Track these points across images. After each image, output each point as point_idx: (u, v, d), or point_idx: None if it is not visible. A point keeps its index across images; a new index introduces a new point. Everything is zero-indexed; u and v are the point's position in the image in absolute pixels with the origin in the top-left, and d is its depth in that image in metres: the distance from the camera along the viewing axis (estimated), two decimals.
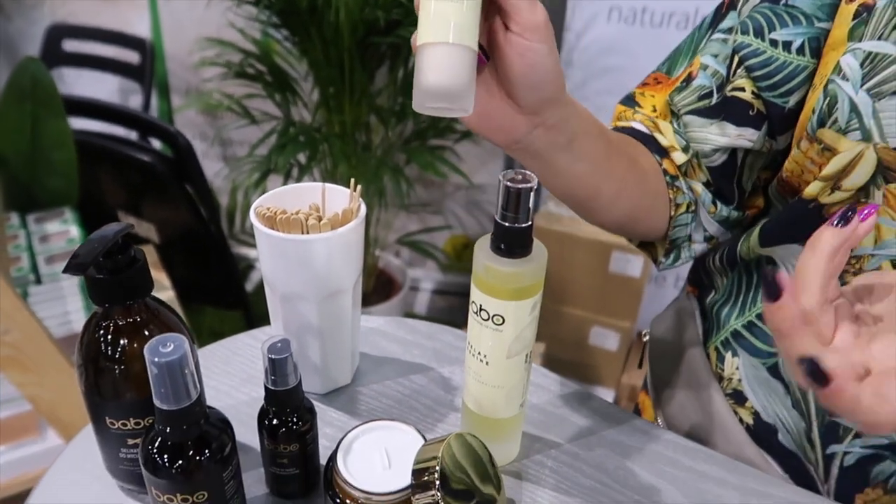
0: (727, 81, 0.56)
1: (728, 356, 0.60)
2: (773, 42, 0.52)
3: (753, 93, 0.54)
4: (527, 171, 0.42)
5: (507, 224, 0.42)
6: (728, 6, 0.58)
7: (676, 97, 0.58)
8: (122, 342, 0.44)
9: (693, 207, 0.59)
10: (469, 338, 0.48)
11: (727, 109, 0.56)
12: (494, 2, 0.40)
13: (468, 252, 2.15)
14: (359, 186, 0.53)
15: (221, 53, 1.69)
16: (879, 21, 0.47)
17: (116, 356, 0.44)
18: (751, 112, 0.55)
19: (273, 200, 0.53)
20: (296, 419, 0.46)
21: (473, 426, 0.51)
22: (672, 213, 0.58)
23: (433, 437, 0.45)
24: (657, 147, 0.58)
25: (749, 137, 0.56)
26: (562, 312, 1.74)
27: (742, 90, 0.54)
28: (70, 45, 1.96)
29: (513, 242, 0.43)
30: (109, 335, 0.44)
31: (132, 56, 1.94)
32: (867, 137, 0.47)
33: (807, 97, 0.52)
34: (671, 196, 0.57)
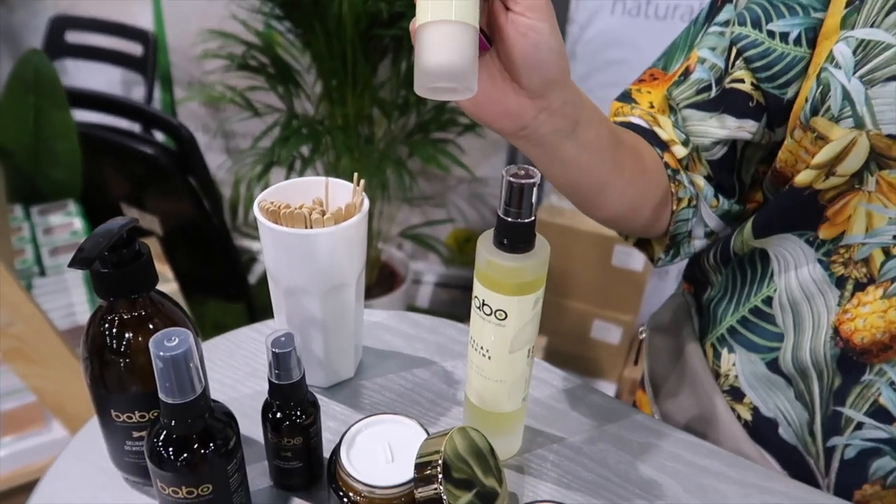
0: (726, 74, 0.55)
1: (724, 353, 0.60)
2: (771, 33, 0.52)
3: (753, 84, 0.54)
4: (530, 167, 0.42)
5: (510, 219, 0.43)
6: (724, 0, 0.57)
7: (674, 92, 0.58)
8: (127, 336, 0.44)
9: (694, 202, 0.58)
10: (472, 332, 0.48)
11: (726, 102, 0.56)
12: None
13: (470, 245, 2.15)
14: (362, 181, 0.53)
15: (224, 45, 1.69)
16: (872, 8, 0.47)
17: (121, 350, 0.44)
18: (750, 103, 0.55)
19: (277, 195, 0.53)
20: (299, 413, 0.46)
21: (476, 420, 0.51)
22: (674, 208, 0.57)
23: (436, 432, 0.45)
24: (657, 141, 0.58)
25: (749, 129, 0.55)
26: (564, 306, 1.74)
27: (741, 82, 0.54)
28: (73, 37, 1.96)
29: (515, 237, 0.43)
30: (114, 329, 0.44)
31: (135, 48, 1.93)
32: (860, 125, 0.47)
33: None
34: (673, 190, 0.57)
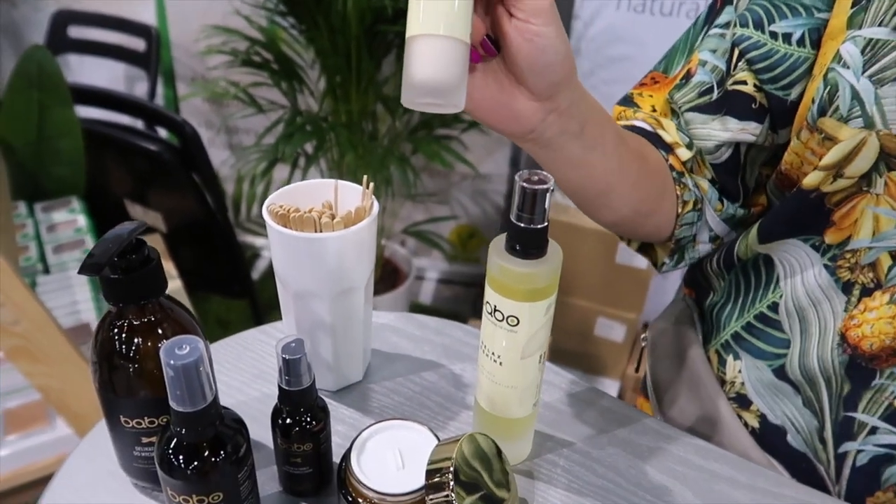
0: (727, 76, 0.55)
1: (729, 360, 0.59)
2: (773, 34, 0.52)
3: (755, 86, 0.54)
4: (543, 172, 0.42)
5: (523, 225, 0.42)
6: (723, 1, 0.57)
7: (676, 95, 0.58)
8: (137, 341, 0.44)
9: (699, 205, 0.58)
10: (483, 338, 0.48)
11: (729, 104, 0.55)
12: None
13: (474, 242, 2.15)
14: (371, 184, 0.52)
15: (227, 41, 1.68)
16: (879, 7, 0.46)
17: (130, 355, 0.44)
18: (753, 105, 0.54)
19: (285, 198, 0.53)
20: (309, 419, 0.46)
21: (486, 425, 0.51)
22: (679, 211, 0.57)
23: (446, 437, 0.45)
24: (661, 143, 0.57)
25: (752, 131, 0.55)
26: (568, 303, 1.74)
27: (744, 83, 0.54)
28: (75, 32, 1.95)
29: (528, 243, 0.43)
30: (123, 334, 0.44)
31: (138, 43, 1.92)
32: (870, 125, 0.46)
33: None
34: (678, 193, 0.56)
